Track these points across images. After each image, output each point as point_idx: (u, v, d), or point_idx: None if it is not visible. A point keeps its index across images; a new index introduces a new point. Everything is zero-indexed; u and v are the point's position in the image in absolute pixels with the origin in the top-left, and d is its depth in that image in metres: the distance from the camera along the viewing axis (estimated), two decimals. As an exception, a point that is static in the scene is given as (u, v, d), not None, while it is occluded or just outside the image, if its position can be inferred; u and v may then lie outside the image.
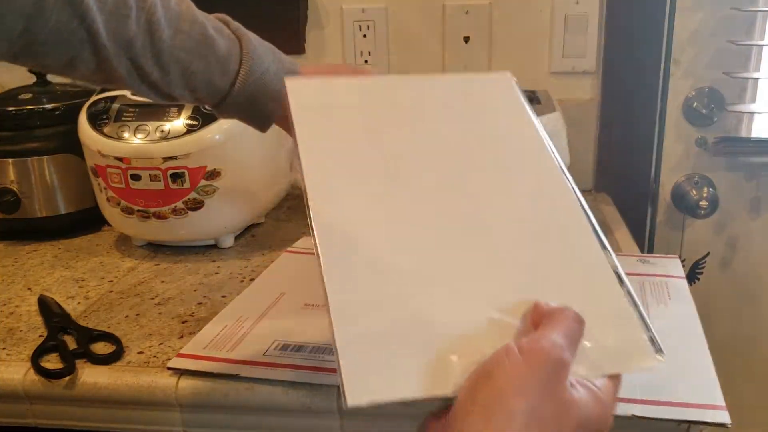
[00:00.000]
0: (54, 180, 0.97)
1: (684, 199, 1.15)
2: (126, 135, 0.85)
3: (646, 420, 0.53)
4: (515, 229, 0.47)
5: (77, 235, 1.00)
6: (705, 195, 1.13)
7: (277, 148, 0.93)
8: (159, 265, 0.89)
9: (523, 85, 1.14)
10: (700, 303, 0.71)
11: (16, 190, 0.96)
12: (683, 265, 0.82)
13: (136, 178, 0.85)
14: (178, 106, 0.86)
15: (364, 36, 1.14)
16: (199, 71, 0.55)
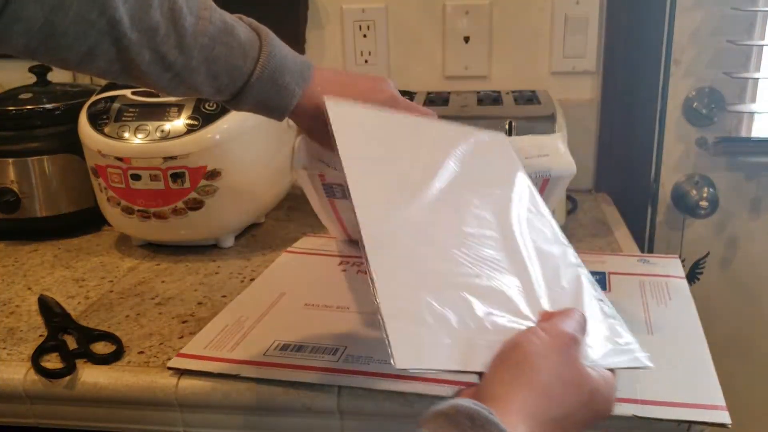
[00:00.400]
0: (54, 180, 0.97)
1: (684, 199, 1.16)
2: (126, 135, 0.85)
3: (646, 420, 0.53)
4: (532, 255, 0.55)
5: (77, 235, 1.00)
6: (705, 195, 1.13)
7: (278, 148, 0.93)
8: (159, 265, 0.89)
9: (524, 85, 1.15)
10: (700, 303, 0.71)
11: (16, 190, 0.96)
12: (683, 265, 0.82)
13: (137, 178, 0.85)
14: (179, 106, 0.86)
15: (364, 36, 1.14)
16: (222, 56, 0.55)
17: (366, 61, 1.15)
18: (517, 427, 0.38)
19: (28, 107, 0.97)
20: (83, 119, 0.89)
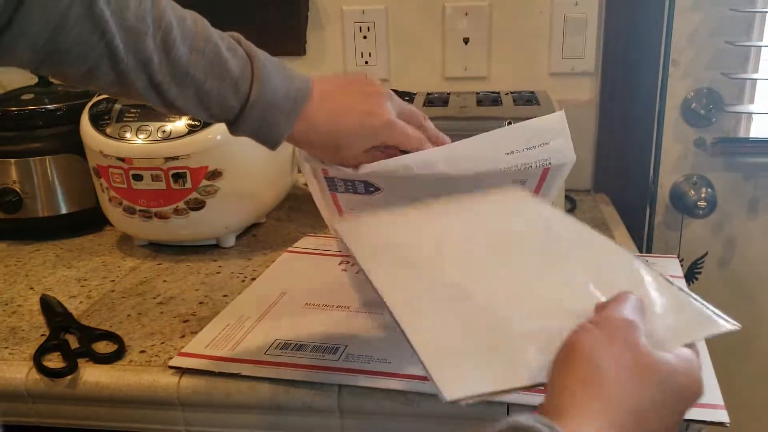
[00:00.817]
0: (56, 180, 0.97)
1: (682, 199, 1.16)
2: (128, 135, 0.85)
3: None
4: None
5: (79, 235, 1.00)
6: (703, 195, 1.14)
7: (279, 148, 0.93)
8: (161, 264, 0.89)
9: (523, 86, 1.15)
10: (698, 303, 0.71)
11: (18, 190, 0.96)
12: (681, 265, 0.82)
13: (138, 178, 0.85)
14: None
15: (365, 37, 1.14)
16: (213, 90, 0.56)
17: (366, 62, 1.15)
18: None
19: (30, 108, 0.97)
20: (85, 120, 0.90)
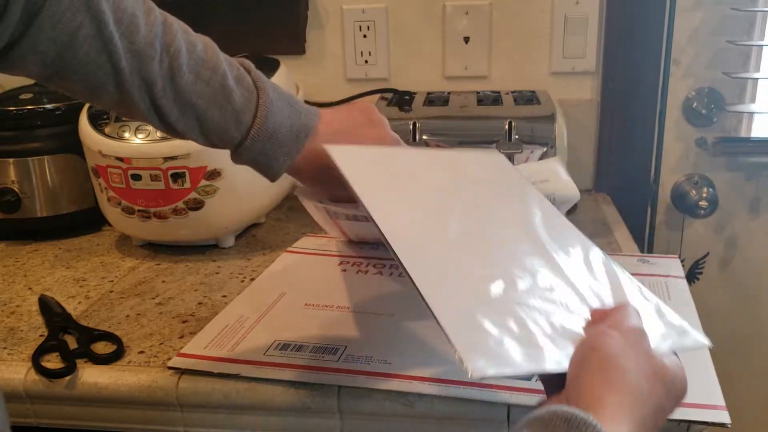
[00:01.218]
0: (55, 180, 0.97)
1: (684, 199, 1.16)
2: (126, 135, 0.85)
3: (645, 419, 0.53)
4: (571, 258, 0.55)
5: (78, 235, 1.00)
6: (704, 195, 1.13)
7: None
8: (160, 264, 0.89)
9: (523, 86, 1.15)
10: (700, 303, 0.71)
11: (16, 190, 0.96)
12: (683, 265, 0.82)
13: (137, 178, 0.85)
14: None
15: (365, 36, 1.14)
16: (214, 119, 0.57)
17: (366, 61, 1.15)
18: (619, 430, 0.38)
19: (29, 107, 0.97)
20: (84, 119, 0.89)
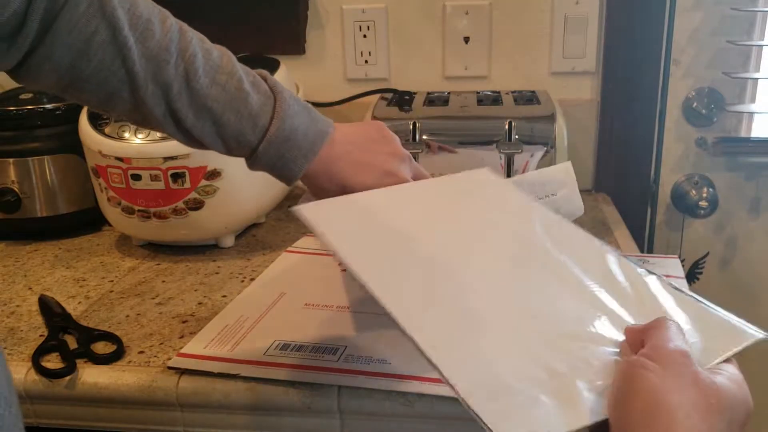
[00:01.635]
0: (55, 180, 0.97)
1: (684, 199, 1.16)
2: (126, 135, 0.85)
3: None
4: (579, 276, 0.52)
5: (78, 235, 1.00)
6: (705, 195, 1.13)
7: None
8: (159, 264, 0.89)
9: (523, 85, 1.15)
10: (700, 303, 0.71)
11: (16, 190, 0.96)
12: (683, 265, 0.82)
13: (137, 178, 0.85)
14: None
15: (364, 36, 1.14)
16: (230, 124, 0.56)
17: (366, 61, 1.15)
18: None
19: (29, 107, 0.97)
20: (83, 119, 0.89)
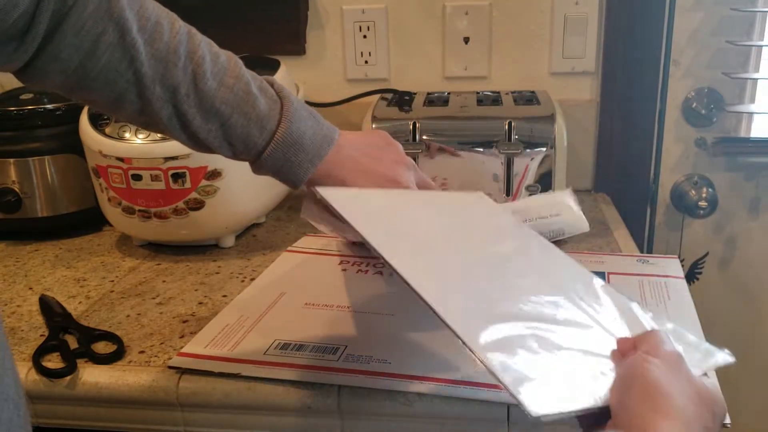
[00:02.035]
0: (55, 180, 0.97)
1: (683, 199, 1.16)
2: (127, 135, 0.85)
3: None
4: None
5: (78, 235, 1.00)
6: (704, 195, 1.13)
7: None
8: (160, 264, 0.89)
9: (523, 86, 1.15)
10: (700, 303, 0.71)
11: (17, 190, 0.96)
12: (682, 265, 0.82)
13: (137, 178, 0.85)
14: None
15: (365, 36, 1.14)
16: (238, 126, 0.57)
17: (366, 61, 1.15)
18: None
19: (29, 107, 0.97)
20: (84, 119, 0.90)
